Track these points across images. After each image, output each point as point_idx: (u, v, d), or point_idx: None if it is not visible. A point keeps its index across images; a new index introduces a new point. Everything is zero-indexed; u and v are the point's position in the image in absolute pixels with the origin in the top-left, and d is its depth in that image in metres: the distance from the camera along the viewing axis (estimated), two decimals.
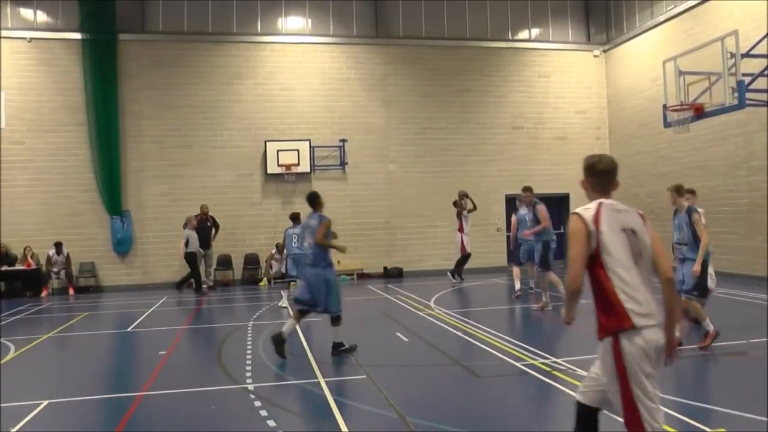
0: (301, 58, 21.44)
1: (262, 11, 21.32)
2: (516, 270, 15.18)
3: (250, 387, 7.81)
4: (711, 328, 9.03)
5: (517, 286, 14.95)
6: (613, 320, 3.96)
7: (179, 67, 20.63)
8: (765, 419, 6.08)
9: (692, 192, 10.98)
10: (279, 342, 9.20)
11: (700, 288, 9.32)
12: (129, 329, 12.90)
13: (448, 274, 19.10)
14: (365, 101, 21.77)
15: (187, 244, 18.48)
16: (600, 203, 4.17)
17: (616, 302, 3.95)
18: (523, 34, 23.35)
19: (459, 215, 18.60)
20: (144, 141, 20.27)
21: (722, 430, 5.83)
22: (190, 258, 18.41)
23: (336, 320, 9.50)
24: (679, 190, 9.69)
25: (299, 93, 21.31)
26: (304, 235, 9.89)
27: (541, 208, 13.45)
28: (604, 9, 23.48)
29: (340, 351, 9.48)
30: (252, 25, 21.28)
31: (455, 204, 18.89)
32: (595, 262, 4.06)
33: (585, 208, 4.16)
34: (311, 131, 21.16)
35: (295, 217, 15.07)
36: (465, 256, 18.73)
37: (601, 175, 4.33)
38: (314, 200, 9.90)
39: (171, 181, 20.38)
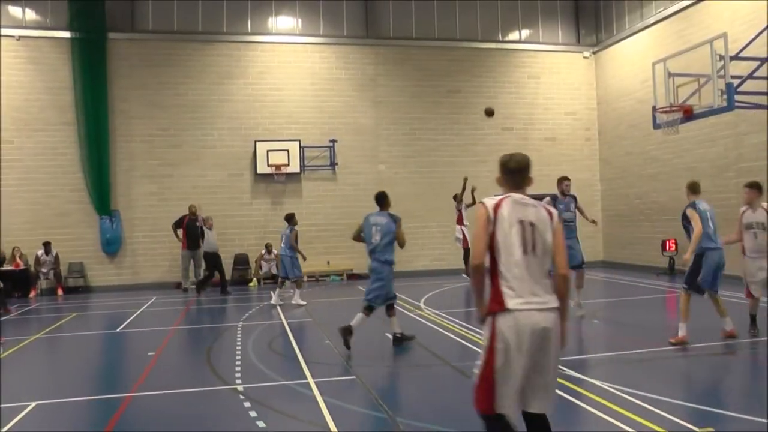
0: (291, 58, 21.43)
1: (252, 11, 21.29)
2: None
3: (240, 388, 7.81)
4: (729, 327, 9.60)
5: None
6: (492, 301, 4.28)
7: (169, 66, 20.58)
8: (753, 418, 6.14)
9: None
10: (347, 333, 9.64)
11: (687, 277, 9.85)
12: (118, 330, 12.88)
13: (464, 276, 19.03)
14: (355, 101, 21.78)
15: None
16: (507, 196, 4.48)
17: (497, 285, 4.28)
18: (513, 36, 23.40)
19: (459, 203, 18.71)
20: (133, 140, 20.21)
21: (710, 429, 5.87)
22: (210, 258, 18.29)
23: (370, 310, 9.98)
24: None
25: (289, 93, 21.30)
26: (371, 231, 10.07)
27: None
28: (594, 10, 23.57)
29: (401, 341, 10.10)
30: (242, 25, 21.25)
31: (455, 197, 19.02)
32: (490, 246, 4.35)
33: (491, 198, 4.47)
34: (301, 131, 21.16)
35: (290, 218, 15.20)
36: (468, 250, 18.82)
37: (511, 173, 4.59)
38: (383, 199, 10.43)
39: (160, 181, 20.33)
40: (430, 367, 8.90)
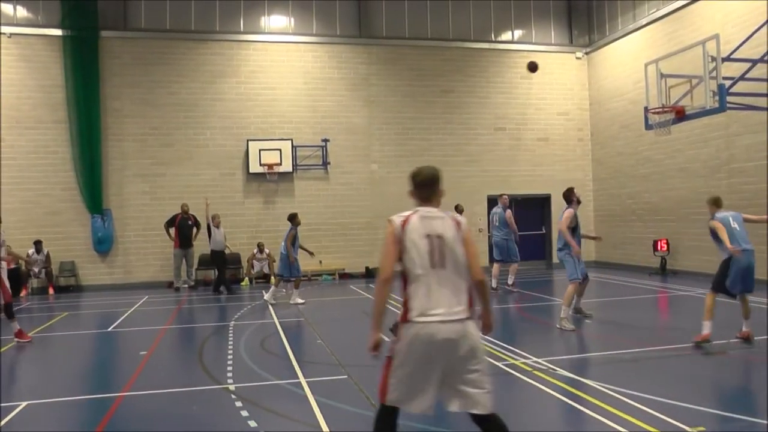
0: (284, 57, 21.40)
1: (245, 10, 21.25)
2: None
3: (232, 387, 7.82)
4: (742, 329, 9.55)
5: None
6: (403, 312, 4.48)
7: (162, 65, 20.52)
8: (744, 417, 6.19)
9: None
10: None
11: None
12: (110, 329, 12.86)
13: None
14: (348, 101, 21.77)
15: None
16: (415, 211, 4.62)
17: (406, 298, 4.48)
18: (506, 36, 23.44)
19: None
20: (126, 139, 20.15)
21: (701, 428, 5.91)
22: (216, 256, 18.30)
23: None
24: None
25: (282, 92, 21.27)
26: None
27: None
28: (586, 11, 23.63)
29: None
30: (235, 24, 21.21)
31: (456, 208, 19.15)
32: (402, 262, 4.52)
33: (399, 215, 4.61)
34: (294, 130, 21.13)
35: (290, 218, 15.61)
36: None
37: (420, 187, 4.74)
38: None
39: (152, 180, 20.27)
40: None
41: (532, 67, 15.98)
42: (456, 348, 4.39)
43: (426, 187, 4.73)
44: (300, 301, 15.25)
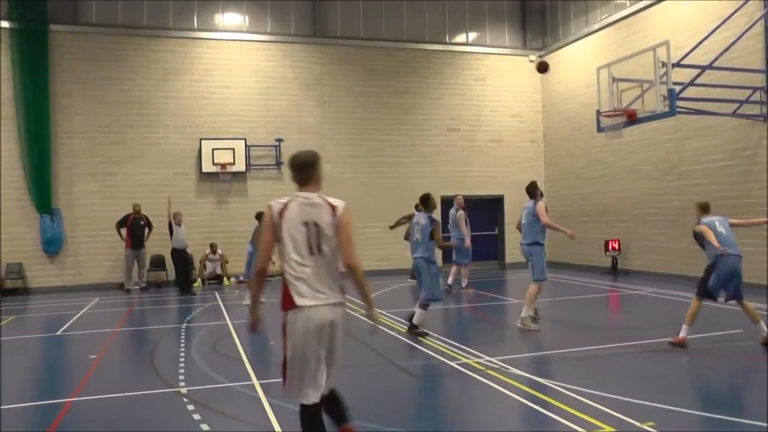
0: (237, 55, 21.23)
1: (198, 7, 21.03)
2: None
3: (184, 390, 7.74)
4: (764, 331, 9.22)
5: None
6: (283, 300, 4.67)
7: (113, 61, 20.17)
8: (692, 412, 6.34)
9: None
10: (413, 329, 10.79)
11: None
12: (58, 333, 12.58)
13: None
14: (301, 100, 21.68)
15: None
16: (294, 197, 4.81)
17: (285, 285, 4.66)
18: (461, 38, 23.58)
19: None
20: (76, 137, 19.76)
21: (651, 423, 6.01)
22: (178, 255, 18.02)
23: (424, 306, 10.90)
24: None
25: (235, 91, 21.10)
26: (413, 230, 11.36)
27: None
28: (540, 15, 23.93)
29: (415, 332, 10.75)
30: (188, 21, 20.97)
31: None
32: (279, 250, 4.73)
33: (277, 201, 4.81)
34: (247, 130, 20.98)
35: (258, 216, 15.54)
36: None
37: (296, 170, 4.93)
38: (427, 201, 11.51)
39: (103, 179, 19.92)
40: (375, 367, 8.94)
41: (542, 68, 15.49)
42: (333, 331, 4.68)
43: (301, 170, 4.89)
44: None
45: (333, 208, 4.75)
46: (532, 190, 11.60)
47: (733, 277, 9.11)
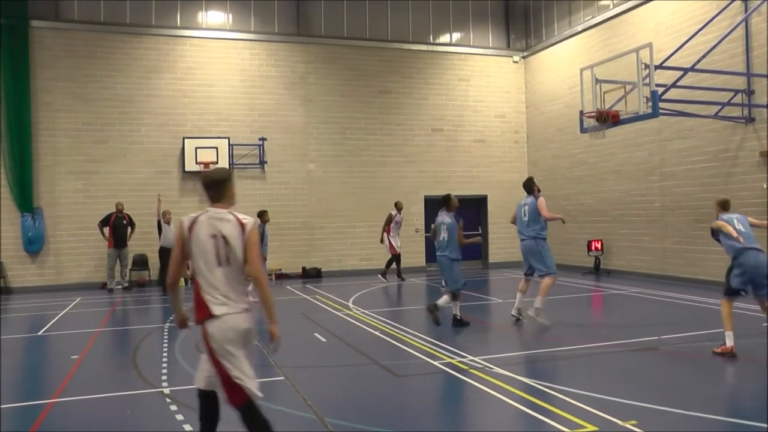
0: (221, 53, 21.15)
1: (182, 4, 20.93)
2: None
3: (166, 390, 7.72)
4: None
5: None
6: (198, 311, 4.87)
7: (95, 58, 20.02)
8: (673, 410, 6.40)
9: None
10: (433, 309, 11.56)
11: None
12: (40, 333, 12.49)
13: (379, 276, 19.31)
14: (285, 99, 21.64)
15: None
16: (205, 211, 5.00)
17: (199, 297, 4.86)
18: (444, 38, 23.62)
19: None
20: (58, 135, 19.60)
21: (633, 422, 6.06)
22: (165, 255, 17.82)
23: (453, 295, 11.55)
24: None
25: (219, 89, 21.02)
26: (440, 229, 11.77)
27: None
28: (524, 16, 24.03)
29: (458, 324, 11.46)
30: (171, 18, 20.85)
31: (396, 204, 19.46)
32: (190, 262, 4.97)
33: (188, 216, 5.02)
34: (230, 129, 20.91)
35: (259, 215, 15.46)
36: (394, 257, 19.13)
37: (206, 188, 5.11)
38: (448, 201, 11.93)
39: (86, 178, 19.77)
40: (358, 367, 8.94)
41: None
42: (246, 337, 4.93)
43: (212, 187, 5.05)
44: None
45: (242, 225, 4.91)
46: (530, 186, 11.73)
47: (758, 271, 8.65)
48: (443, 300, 11.57)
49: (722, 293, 9.02)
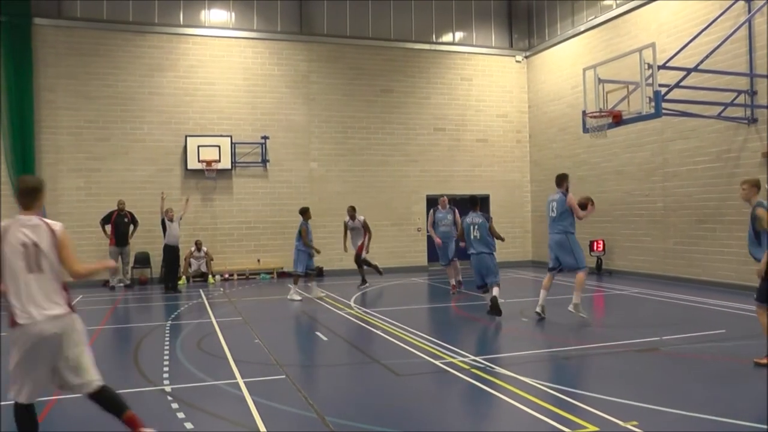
0: (223, 52, 21.15)
1: (185, 2, 20.92)
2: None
3: (168, 388, 7.71)
4: None
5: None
6: (9, 318, 5.01)
7: (98, 56, 20.02)
8: (675, 411, 6.40)
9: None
10: (495, 303, 11.97)
11: (759, 292, 8.03)
12: None
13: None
14: (288, 98, 21.64)
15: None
16: (16, 219, 5.06)
17: (9, 304, 4.96)
18: (447, 37, 23.61)
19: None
20: (60, 132, 19.62)
21: (634, 422, 6.05)
22: (170, 252, 17.97)
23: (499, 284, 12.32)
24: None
25: (221, 88, 21.02)
26: (469, 229, 12.43)
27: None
28: (526, 16, 24.01)
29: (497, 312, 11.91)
30: (174, 16, 20.86)
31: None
32: (1, 269, 5.00)
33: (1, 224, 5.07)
34: (233, 127, 20.91)
35: (301, 212, 16.14)
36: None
37: (19, 195, 5.23)
38: (474, 202, 12.84)
39: (88, 175, 19.78)
40: (360, 366, 8.95)
41: None
42: (60, 342, 5.05)
43: (24, 195, 5.18)
44: (296, 298, 15.44)
45: (52, 230, 5.04)
46: (560, 181, 12.23)
47: None
48: (495, 291, 12.09)
49: (756, 299, 8.06)
